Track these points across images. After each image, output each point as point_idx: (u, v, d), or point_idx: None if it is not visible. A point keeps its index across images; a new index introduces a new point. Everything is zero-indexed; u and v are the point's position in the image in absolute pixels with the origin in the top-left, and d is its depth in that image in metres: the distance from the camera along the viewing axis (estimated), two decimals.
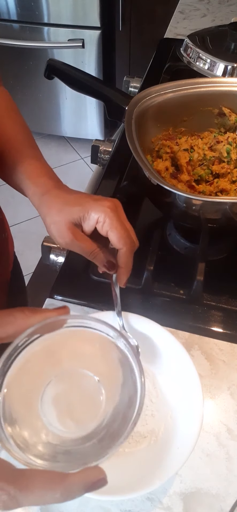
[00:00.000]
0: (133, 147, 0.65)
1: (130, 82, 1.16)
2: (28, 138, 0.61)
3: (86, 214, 0.50)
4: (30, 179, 0.55)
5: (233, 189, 0.69)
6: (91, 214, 0.50)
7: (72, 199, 0.52)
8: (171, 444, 0.48)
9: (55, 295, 0.66)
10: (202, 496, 0.49)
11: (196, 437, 0.45)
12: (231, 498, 0.49)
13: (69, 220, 0.50)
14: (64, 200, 0.52)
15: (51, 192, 0.53)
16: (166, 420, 0.51)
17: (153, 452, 0.48)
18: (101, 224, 0.50)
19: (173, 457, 0.46)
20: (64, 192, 0.53)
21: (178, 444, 0.47)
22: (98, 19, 2.12)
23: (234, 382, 0.58)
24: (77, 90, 0.83)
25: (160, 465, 0.45)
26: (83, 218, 0.50)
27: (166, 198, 0.64)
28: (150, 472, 0.45)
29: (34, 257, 1.89)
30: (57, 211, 0.51)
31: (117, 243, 0.50)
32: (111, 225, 0.49)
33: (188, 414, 0.49)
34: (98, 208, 0.50)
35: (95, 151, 0.96)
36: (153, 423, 0.51)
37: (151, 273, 0.66)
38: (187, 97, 0.77)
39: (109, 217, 0.49)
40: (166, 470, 0.44)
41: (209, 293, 0.66)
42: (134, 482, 0.45)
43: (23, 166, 0.56)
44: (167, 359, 0.53)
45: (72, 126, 2.55)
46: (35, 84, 2.37)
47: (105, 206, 0.50)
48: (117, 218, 0.50)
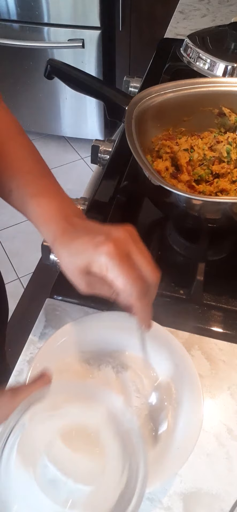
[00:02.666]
0: (133, 147, 0.65)
1: (130, 82, 1.16)
2: (36, 165, 0.57)
3: (92, 263, 0.45)
4: (39, 224, 0.52)
5: (233, 189, 0.69)
6: (94, 263, 0.45)
7: (74, 249, 0.47)
8: (171, 445, 0.48)
9: (55, 295, 0.66)
10: (202, 496, 0.49)
11: (196, 437, 0.45)
12: (231, 498, 0.49)
13: (79, 270, 0.47)
14: (69, 251, 0.48)
15: (59, 241, 0.49)
16: (166, 420, 0.50)
17: (153, 452, 0.48)
18: (105, 272, 0.44)
19: (173, 457, 0.46)
20: (70, 238, 0.48)
21: (178, 444, 0.47)
22: (98, 19, 2.12)
23: (234, 382, 0.58)
24: (77, 90, 0.83)
25: (160, 466, 0.45)
26: (89, 266, 0.46)
27: (166, 198, 0.64)
28: (150, 472, 0.45)
29: (34, 257, 1.89)
30: (67, 263, 0.48)
31: (123, 292, 0.44)
32: (113, 272, 0.44)
33: (188, 414, 0.49)
34: (97, 255, 0.44)
35: (95, 151, 0.96)
36: (153, 423, 0.51)
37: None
38: (187, 97, 0.77)
39: (110, 264, 0.44)
40: (166, 470, 0.44)
41: (209, 293, 0.66)
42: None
43: (31, 205, 0.53)
44: (167, 359, 0.53)
45: (72, 126, 2.55)
46: (35, 84, 2.37)
47: (104, 253, 0.44)
48: (121, 261, 0.44)
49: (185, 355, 0.52)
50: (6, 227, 2.12)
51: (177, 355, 0.52)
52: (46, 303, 0.66)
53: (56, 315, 0.64)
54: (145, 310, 0.46)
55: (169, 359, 0.53)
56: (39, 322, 0.63)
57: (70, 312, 0.64)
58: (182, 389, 0.51)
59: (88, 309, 0.64)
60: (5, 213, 2.13)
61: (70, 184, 2.20)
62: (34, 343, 0.61)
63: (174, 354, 0.52)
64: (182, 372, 0.51)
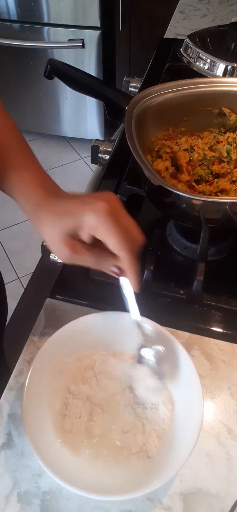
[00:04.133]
0: (133, 147, 0.65)
1: (130, 82, 1.16)
2: (16, 141, 0.56)
3: (80, 223, 0.46)
4: (21, 194, 0.52)
5: (233, 189, 0.69)
6: (84, 222, 0.45)
7: (63, 210, 0.47)
8: (171, 445, 0.48)
9: (55, 295, 0.66)
10: (202, 496, 0.49)
11: (195, 437, 0.45)
12: (231, 498, 0.49)
13: (64, 235, 0.47)
14: (55, 213, 0.48)
15: (42, 204, 0.49)
16: (166, 420, 0.50)
17: (153, 452, 0.48)
18: (97, 231, 0.45)
19: (173, 458, 0.46)
20: (56, 202, 0.49)
21: (178, 445, 0.47)
22: (98, 19, 2.12)
23: (234, 382, 0.58)
24: (77, 90, 0.83)
25: (160, 466, 0.45)
26: (77, 228, 0.46)
27: (166, 198, 0.64)
28: (149, 473, 0.45)
29: (34, 257, 1.89)
30: (51, 227, 0.48)
31: (115, 250, 0.46)
32: (106, 231, 0.45)
33: (188, 414, 0.49)
34: (90, 214, 0.45)
35: (95, 151, 0.96)
36: (153, 423, 0.51)
37: (151, 273, 0.66)
38: (187, 97, 0.77)
39: (103, 222, 0.45)
40: (166, 471, 0.44)
41: (209, 293, 0.66)
42: (133, 483, 0.45)
43: (14, 179, 0.52)
44: (167, 359, 0.53)
45: (72, 126, 2.55)
46: (35, 84, 2.37)
47: (98, 210, 0.45)
48: (113, 221, 0.45)
49: (185, 355, 0.51)
50: (6, 227, 2.12)
51: (177, 355, 0.52)
52: (46, 303, 0.66)
53: (56, 315, 0.64)
54: (135, 268, 0.47)
55: (169, 359, 0.53)
56: (39, 322, 0.63)
57: (70, 312, 0.64)
58: (182, 389, 0.51)
59: (88, 309, 0.64)
60: (5, 213, 2.12)
61: (70, 184, 2.21)
62: (34, 343, 0.61)
63: (174, 354, 0.52)
64: (182, 372, 0.51)
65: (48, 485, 0.49)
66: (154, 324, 0.54)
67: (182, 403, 0.50)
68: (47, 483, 0.49)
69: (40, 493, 0.49)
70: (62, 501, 0.48)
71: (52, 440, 0.48)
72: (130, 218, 0.48)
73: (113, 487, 0.45)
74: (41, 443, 0.46)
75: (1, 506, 0.48)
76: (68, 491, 0.49)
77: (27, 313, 1.10)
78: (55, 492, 0.49)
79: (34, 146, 2.47)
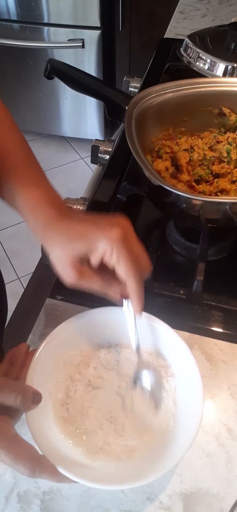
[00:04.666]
0: (133, 147, 0.65)
1: (130, 82, 1.16)
2: (28, 159, 0.56)
3: (92, 247, 0.45)
4: (29, 212, 0.51)
5: (233, 189, 0.69)
6: (97, 247, 0.45)
7: (76, 233, 0.47)
8: (170, 439, 0.47)
9: (55, 295, 0.66)
10: (202, 496, 0.49)
11: (195, 431, 0.45)
12: (231, 498, 0.49)
13: (73, 258, 0.46)
14: (67, 236, 0.47)
15: (53, 225, 0.48)
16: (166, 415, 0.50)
17: (152, 445, 0.48)
18: (108, 257, 0.45)
19: (171, 451, 0.46)
20: (67, 222, 0.48)
21: (177, 439, 0.47)
22: (98, 19, 2.12)
23: (234, 382, 0.58)
24: (77, 90, 0.83)
25: (158, 459, 0.45)
26: (89, 251, 0.46)
27: (166, 198, 0.64)
28: (148, 465, 0.45)
29: (34, 257, 1.88)
30: (60, 249, 0.47)
31: (124, 277, 0.46)
32: (117, 258, 0.45)
33: (188, 408, 0.48)
34: (104, 239, 0.45)
35: (95, 151, 0.96)
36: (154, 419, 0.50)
37: (151, 273, 0.66)
38: (187, 97, 0.77)
39: (116, 249, 0.45)
40: (163, 463, 0.44)
41: (209, 293, 0.66)
42: (131, 474, 0.45)
43: (22, 196, 0.52)
44: (170, 356, 0.53)
45: (72, 126, 2.55)
46: (35, 84, 2.37)
47: (112, 237, 0.45)
48: (125, 248, 0.45)
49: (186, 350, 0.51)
50: (6, 227, 2.12)
51: (179, 352, 0.52)
52: (46, 303, 0.66)
53: (56, 315, 0.64)
54: (141, 296, 0.48)
55: (172, 356, 0.53)
56: (39, 322, 0.63)
57: (70, 312, 0.64)
58: (183, 384, 0.51)
59: (88, 309, 0.64)
60: (5, 213, 2.12)
61: (70, 184, 2.21)
62: (34, 343, 0.61)
63: (177, 350, 0.52)
64: (183, 367, 0.51)
65: (48, 485, 0.49)
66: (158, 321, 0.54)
67: (182, 397, 0.50)
68: (47, 483, 0.49)
69: (40, 493, 0.49)
70: (62, 501, 0.48)
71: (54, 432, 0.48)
72: (140, 245, 0.48)
73: (111, 478, 0.45)
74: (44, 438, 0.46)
75: (1, 506, 0.48)
76: (68, 491, 0.49)
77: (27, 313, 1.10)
78: (55, 492, 0.49)
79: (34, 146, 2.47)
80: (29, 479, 0.49)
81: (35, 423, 0.45)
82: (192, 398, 0.48)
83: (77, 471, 0.43)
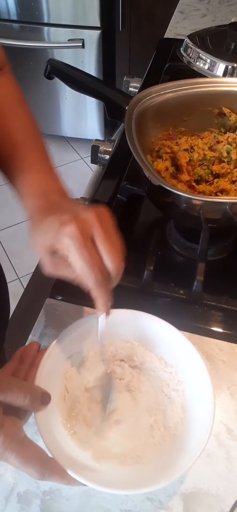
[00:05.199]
0: (133, 147, 0.65)
1: (130, 82, 1.16)
2: (31, 139, 0.56)
3: (56, 243, 0.44)
4: (23, 198, 0.52)
5: (233, 189, 0.69)
6: (56, 246, 0.44)
7: (42, 227, 0.46)
8: (178, 446, 0.47)
9: (55, 295, 0.66)
10: (202, 496, 0.49)
11: (205, 442, 0.44)
12: (231, 498, 0.49)
13: (44, 250, 0.46)
14: (38, 229, 0.47)
15: (34, 216, 0.49)
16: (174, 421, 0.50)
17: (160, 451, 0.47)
18: (67, 253, 0.44)
19: (179, 459, 0.45)
20: (42, 216, 0.47)
21: (185, 446, 0.46)
22: (98, 19, 2.12)
23: (234, 382, 0.58)
24: (77, 90, 0.83)
25: (166, 466, 0.45)
26: (55, 246, 0.45)
27: (166, 198, 0.64)
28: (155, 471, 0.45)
29: (34, 257, 1.88)
30: (34, 241, 0.48)
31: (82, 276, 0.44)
32: (74, 255, 0.43)
33: (197, 413, 0.48)
34: (59, 238, 0.43)
35: (95, 151, 0.96)
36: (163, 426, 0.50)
37: (151, 273, 0.66)
38: (187, 97, 0.77)
39: (72, 247, 0.43)
40: (171, 471, 0.43)
41: (209, 293, 0.66)
42: (138, 480, 0.45)
43: (19, 181, 0.53)
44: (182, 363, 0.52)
45: (72, 126, 2.55)
46: (35, 84, 2.36)
47: (67, 234, 0.43)
48: (82, 246, 0.42)
49: (199, 361, 0.50)
50: (6, 227, 2.12)
51: (191, 361, 0.51)
52: (46, 303, 0.66)
53: (56, 315, 0.64)
54: (103, 297, 0.45)
55: (184, 364, 0.52)
56: (39, 322, 0.63)
57: (70, 312, 0.64)
58: (194, 392, 0.50)
59: (88, 309, 0.64)
60: (5, 213, 2.12)
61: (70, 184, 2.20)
62: None
63: (188, 359, 0.51)
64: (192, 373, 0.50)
65: (48, 485, 0.49)
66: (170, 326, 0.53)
67: (192, 407, 0.49)
68: (47, 483, 0.49)
69: (40, 493, 0.49)
70: (62, 501, 0.48)
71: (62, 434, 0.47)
72: (112, 240, 0.44)
73: (118, 482, 0.45)
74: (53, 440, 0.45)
75: (1, 506, 0.48)
76: (68, 491, 0.49)
77: (27, 313, 1.10)
78: (55, 492, 0.49)
79: None
80: (29, 479, 0.49)
81: (44, 425, 0.45)
82: (201, 404, 0.48)
83: (87, 474, 0.43)
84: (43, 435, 0.44)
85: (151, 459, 0.47)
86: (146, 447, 0.48)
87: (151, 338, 0.54)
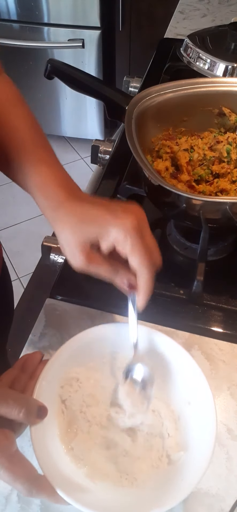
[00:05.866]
0: (133, 147, 0.65)
1: (130, 82, 1.16)
2: (36, 135, 0.55)
3: (105, 233, 0.44)
4: (39, 190, 0.49)
5: (233, 189, 0.69)
6: (111, 233, 0.43)
7: (89, 216, 0.45)
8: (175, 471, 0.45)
9: (55, 295, 0.66)
10: (202, 496, 0.49)
11: (203, 470, 0.43)
12: (231, 498, 0.49)
13: (83, 241, 0.45)
14: (80, 217, 0.45)
15: (64, 206, 0.47)
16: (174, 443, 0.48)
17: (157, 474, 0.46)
18: (121, 245, 0.43)
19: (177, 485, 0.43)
20: (80, 205, 0.47)
21: (183, 473, 0.45)
22: (98, 19, 2.12)
23: (234, 382, 0.58)
24: (77, 90, 0.83)
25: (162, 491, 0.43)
26: (100, 236, 0.44)
27: (166, 198, 0.64)
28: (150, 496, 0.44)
29: (34, 257, 1.89)
30: (71, 231, 0.45)
31: (138, 269, 0.44)
32: (132, 248, 0.43)
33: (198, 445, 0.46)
34: (118, 226, 0.43)
35: (95, 151, 0.96)
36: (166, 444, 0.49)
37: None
38: (187, 97, 0.77)
39: (130, 239, 0.43)
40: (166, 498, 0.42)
41: (209, 293, 0.66)
42: (131, 504, 0.44)
43: (32, 173, 0.51)
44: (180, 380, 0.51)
45: (72, 126, 2.55)
46: (35, 84, 2.37)
47: (127, 225, 0.43)
48: (140, 239, 0.43)
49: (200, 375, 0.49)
50: (6, 227, 2.12)
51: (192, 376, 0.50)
52: (46, 303, 0.66)
53: (56, 315, 0.64)
54: (149, 290, 0.46)
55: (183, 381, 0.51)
56: (39, 322, 0.63)
57: (70, 312, 0.64)
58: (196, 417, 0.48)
59: (88, 309, 0.64)
60: (5, 213, 2.13)
61: None
62: (34, 343, 0.61)
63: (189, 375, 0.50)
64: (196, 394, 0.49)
65: None
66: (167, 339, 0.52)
67: (194, 424, 0.48)
68: None
69: None
70: None
71: (57, 449, 0.46)
72: (153, 237, 0.46)
73: (109, 506, 0.43)
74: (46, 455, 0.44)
75: (1, 506, 0.48)
76: None
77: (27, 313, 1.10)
78: None
79: None
80: None
81: (39, 439, 0.43)
82: (203, 431, 0.46)
83: (77, 495, 0.42)
84: (36, 449, 0.42)
85: (147, 482, 0.45)
86: (142, 468, 0.46)
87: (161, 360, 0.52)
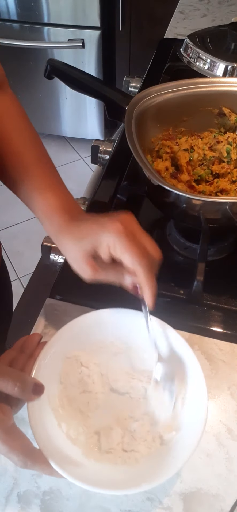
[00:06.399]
0: (133, 147, 0.65)
1: (130, 82, 1.16)
2: (41, 157, 0.59)
3: (98, 243, 0.48)
4: (45, 217, 0.55)
5: (233, 189, 0.69)
6: (102, 242, 0.48)
7: (82, 233, 0.50)
8: (173, 444, 0.47)
9: (55, 295, 0.66)
10: (202, 496, 0.49)
11: (198, 438, 0.44)
12: (231, 498, 0.49)
13: (84, 255, 0.49)
14: (76, 236, 0.51)
15: (63, 230, 0.52)
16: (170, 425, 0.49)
17: (155, 452, 0.47)
18: (112, 249, 0.47)
19: (174, 457, 0.45)
20: (76, 225, 0.52)
21: (180, 444, 0.46)
22: (98, 19, 2.12)
23: (234, 382, 0.58)
24: (77, 90, 0.83)
25: (161, 464, 0.45)
26: (95, 247, 0.49)
27: (166, 198, 0.64)
28: (150, 470, 0.45)
29: (34, 257, 1.89)
30: (72, 250, 0.51)
31: (133, 267, 0.47)
32: (121, 249, 0.47)
33: (191, 414, 0.48)
34: (105, 235, 0.48)
35: (95, 151, 0.96)
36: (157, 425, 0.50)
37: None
38: (187, 97, 0.77)
39: (119, 241, 0.47)
40: (167, 470, 0.44)
41: (209, 293, 0.66)
42: (134, 479, 0.44)
43: (39, 200, 0.55)
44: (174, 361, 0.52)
45: (72, 126, 2.55)
46: (35, 84, 2.37)
47: (112, 231, 0.47)
48: (129, 241, 0.47)
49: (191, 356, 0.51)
50: (6, 227, 2.12)
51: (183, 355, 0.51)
52: (46, 303, 0.66)
53: (56, 315, 0.64)
54: (152, 285, 0.48)
55: (176, 360, 0.52)
56: (39, 322, 0.63)
57: (70, 312, 0.64)
58: (187, 391, 0.50)
59: (88, 309, 0.64)
60: (5, 213, 2.12)
61: (70, 184, 2.20)
62: None
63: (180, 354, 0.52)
64: (187, 372, 0.50)
65: (48, 485, 0.49)
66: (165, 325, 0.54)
67: (186, 403, 0.49)
68: (47, 483, 0.49)
69: (40, 493, 0.49)
70: (62, 501, 0.48)
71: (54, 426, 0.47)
72: (147, 236, 0.50)
73: (114, 482, 0.44)
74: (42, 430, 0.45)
75: (1, 506, 0.48)
76: (68, 491, 0.49)
77: (27, 313, 1.10)
78: (55, 492, 0.49)
79: None
80: (29, 479, 0.49)
81: (35, 414, 0.45)
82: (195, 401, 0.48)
83: (71, 469, 0.43)
84: (32, 423, 0.45)
85: (139, 460, 0.46)
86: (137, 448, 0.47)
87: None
